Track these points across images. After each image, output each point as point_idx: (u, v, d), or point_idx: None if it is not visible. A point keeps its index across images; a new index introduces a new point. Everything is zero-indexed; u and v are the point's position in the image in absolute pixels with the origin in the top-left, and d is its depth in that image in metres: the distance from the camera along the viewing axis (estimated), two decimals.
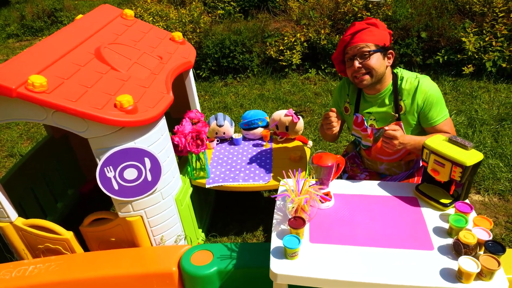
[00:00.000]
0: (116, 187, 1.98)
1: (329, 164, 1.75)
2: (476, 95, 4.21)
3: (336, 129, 1.94)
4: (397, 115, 1.93)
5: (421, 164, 2.13)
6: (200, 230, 2.64)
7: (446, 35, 4.66)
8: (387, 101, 1.95)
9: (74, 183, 3.19)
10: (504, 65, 4.40)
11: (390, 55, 1.89)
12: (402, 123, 1.93)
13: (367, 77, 1.85)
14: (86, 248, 2.35)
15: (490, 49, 4.47)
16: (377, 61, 1.83)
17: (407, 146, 1.83)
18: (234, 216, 2.91)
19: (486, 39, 4.49)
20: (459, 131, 3.63)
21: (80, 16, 2.56)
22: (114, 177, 1.96)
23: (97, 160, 1.92)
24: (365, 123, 2.01)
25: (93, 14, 2.56)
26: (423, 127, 1.96)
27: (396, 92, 1.91)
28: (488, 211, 2.76)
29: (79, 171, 3.25)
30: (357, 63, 1.83)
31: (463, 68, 4.52)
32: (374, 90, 1.94)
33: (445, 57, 4.62)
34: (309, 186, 1.71)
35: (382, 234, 1.64)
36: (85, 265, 2.10)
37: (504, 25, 4.48)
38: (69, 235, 2.23)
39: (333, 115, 1.91)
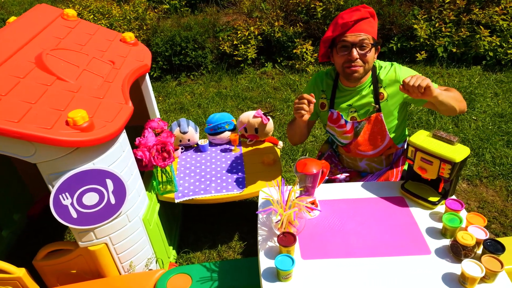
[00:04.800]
0: (74, 215, 1.73)
1: (315, 172, 1.62)
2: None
3: (305, 117, 1.74)
4: (377, 106, 1.85)
5: (399, 155, 2.08)
6: (171, 247, 2.43)
7: (397, 23, 4.69)
8: (365, 92, 1.87)
9: (20, 206, 2.85)
10: (454, 50, 4.51)
11: (377, 50, 1.82)
12: (382, 115, 1.85)
13: (361, 69, 1.77)
14: (42, 284, 2.07)
15: (440, 34, 4.57)
16: (372, 55, 1.76)
17: (435, 92, 1.63)
18: (205, 227, 2.72)
19: (436, 25, 4.57)
20: (421, 118, 3.66)
21: (13, 18, 2.24)
22: (72, 204, 1.70)
23: (50, 187, 1.66)
24: (343, 118, 1.91)
25: (28, 16, 2.24)
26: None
27: (376, 81, 1.84)
28: (460, 198, 2.78)
29: (26, 191, 2.90)
30: (356, 53, 1.72)
31: (416, 55, 4.58)
32: (357, 83, 1.85)
33: (398, 44, 4.66)
34: (296, 197, 1.57)
35: (376, 242, 1.54)
36: None
37: (451, 11, 4.58)
38: (21, 272, 1.92)
39: (307, 98, 1.71)
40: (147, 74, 2.36)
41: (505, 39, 4.44)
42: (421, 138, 1.67)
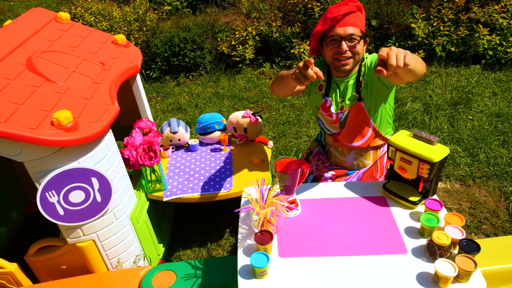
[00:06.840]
0: (61, 212, 1.78)
1: (294, 171, 1.64)
2: (429, 80, 4.27)
3: (300, 85, 1.55)
4: (357, 95, 1.90)
5: (384, 151, 2.09)
6: (161, 245, 2.47)
7: (395, 22, 4.68)
8: (351, 81, 1.92)
9: (18, 204, 2.91)
10: (452, 49, 4.49)
11: (366, 42, 1.88)
12: (363, 103, 1.90)
13: (351, 61, 1.82)
14: (34, 279, 2.12)
15: (438, 33, 4.55)
16: (361, 47, 1.81)
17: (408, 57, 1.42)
18: (195, 225, 2.76)
19: (434, 24, 4.56)
20: (416, 118, 3.65)
21: (9, 21, 2.30)
22: (58, 201, 1.75)
23: (37, 185, 1.71)
24: (332, 109, 1.95)
25: (23, 19, 2.29)
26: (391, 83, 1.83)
27: (360, 71, 1.89)
28: (452, 198, 2.78)
29: (23, 190, 2.97)
30: (345, 46, 1.77)
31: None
32: (347, 73, 1.91)
33: (396, 43, 4.65)
34: (274, 196, 1.60)
35: (354, 241, 1.56)
36: None
37: (450, 10, 4.56)
38: (13, 267, 1.99)
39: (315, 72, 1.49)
40: (138, 75, 2.40)
41: (505, 37, 4.41)
42: (401, 138, 1.68)
